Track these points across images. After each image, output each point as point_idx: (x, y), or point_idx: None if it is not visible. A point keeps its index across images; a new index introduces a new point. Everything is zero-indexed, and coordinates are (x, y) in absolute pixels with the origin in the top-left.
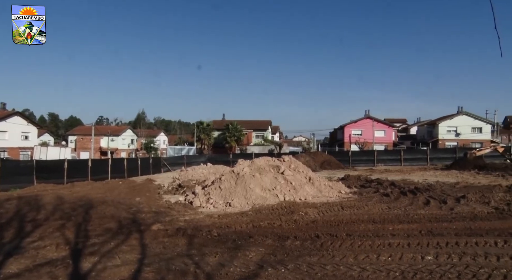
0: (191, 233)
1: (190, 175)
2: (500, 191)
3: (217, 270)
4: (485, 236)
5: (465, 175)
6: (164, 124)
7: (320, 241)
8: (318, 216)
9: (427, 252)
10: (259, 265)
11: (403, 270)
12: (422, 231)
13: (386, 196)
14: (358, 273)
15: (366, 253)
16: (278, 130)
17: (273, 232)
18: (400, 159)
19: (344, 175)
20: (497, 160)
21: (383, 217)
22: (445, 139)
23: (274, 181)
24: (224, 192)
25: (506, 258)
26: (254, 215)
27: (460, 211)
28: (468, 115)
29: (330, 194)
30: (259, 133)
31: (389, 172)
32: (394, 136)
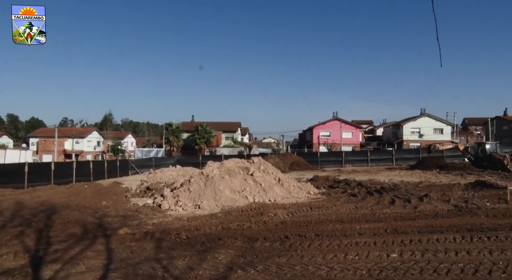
0: (159, 237)
1: (159, 178)
2: (459, 189)
3: (186, 274)
4: (445, 233)
5: (428, 174)
6: (132, 126)
7: (289, 241)
8: (287, 216)
9: (392, 249)
10: (229, 267)
11: (370, 268)
12: (388, 230)
13: (354, 196)
14: (326, 273)
15: (334, 252)
16: (248, 132)
17: (242, 234)
18: (367, 159)
19: (313, 176)
20: (457, 160)
21: (350, 217)
22: (409, 140)
23: (243, 182)
24: (193, 194)
25: (463, 253)
26: (223, 217)
27: (423, 209)
28: (430, 117)
29: (299, 195)
30: (228, 135)
31: (356, 172)
32: (361, 137)
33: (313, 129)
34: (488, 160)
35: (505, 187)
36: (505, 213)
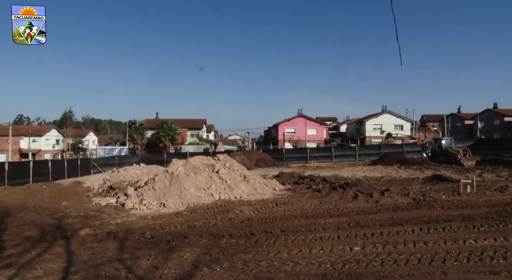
0: (123, 237)
1: (122, 176)
2: (417, 183)
3: (150, 273)
4: (404, 225)
5: (389, 169)
6: (94, 124)
7: (255, 238)
8: (253, 213)
9: (355, 243)
10: (194, 265)
11: (333, 261)
12: (351, 224)
13: (318, 192)
14: (291, 267)
15: (299, 247)
16: (213, 129)
17: (208, 231)
18: (331, 155)
19: (278, 172)
20: (416, 155)
21: (315, 212)
22: (372, 136)
23: (209, 180)
24: (158, 193)
25: (421, 244)
26: (189, 215)
27: (384, 203)
28: (391, 114)
29: (265, 191)
30: (194, 132)
31: (321, 168)
32: (325, 134)
33: (279, 126)
34: (444, 155)
35: (459, 180)
36: (458, 205)
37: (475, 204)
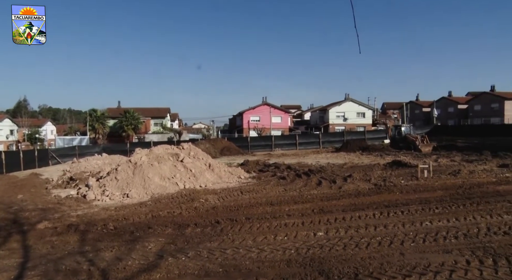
0: (84, 229)
1: (83, 167)
2: (378, 169)
3: (113, 265)
4: (366, 210)
5: (352, 156)
6: (52, 113)
7: (221, 226)
8: (218, 202)
9: (319, 228)
10: (159, 255)
11: (298, 247)
12: (315, 210)
13: (283, 179)
14: (256, 254)
15: (264, 234)
16: (178, 118)
17: (173, 221)
18: (295, 143)
19: (243, 161)
20: (377, 142)
21: (280, 199)
22: (335, 124)
23: (173, 169)
24: (121, 183)
25: (381, 227)
26: (153, 205)
27: (347, 189)
28: (353, 101)
29: (230, 180)
30: (157, 121)
31: (285, 156)
32: (290, 122)
33: (243, 114)
34: (403, 141)
35: (416, 165)
36: (416, 189)
37: (431, 187)
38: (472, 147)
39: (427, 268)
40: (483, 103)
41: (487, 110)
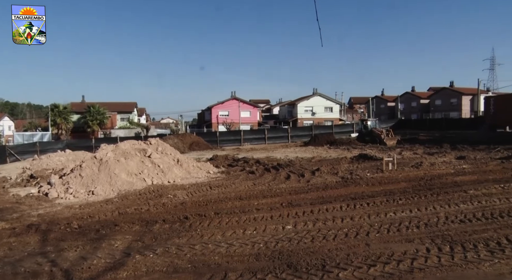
0: (46, 228)
1: (45, 164)
2: (345, 162)
3: (77, 265)
4: (333, 202)
5: (320, 150)
6: (9, 108)
7: (189, 222)
8: (187, 197)
9: (287, 222)
10: (126, 253)
11: (267, 241)
12: (283, 204)
13: (252, 173)
14: (225, 249)
15: (233, 229)
16: (145, 113)
17: (140, 218)
18: (264, 137)
19: (212, 155)
20: (344, 136)
21: (249, 194)
22: (303, 118)
23: (141, 165)
24: (85, 180)
25: (348, 219)
26: (120, 202)
27: (315, 183)
28: (321, 96)
29: (199, 175)
30: (124, 116)
31: (254, 150)
32: (259, 116)
33: (212, 109)
34: (369, 135)
35: (382, 158)
36: (381, 181)
37: (395, 179)
38: (433, 140)
39: (390, 257)
40: (443, 98)
41: (447, 105)
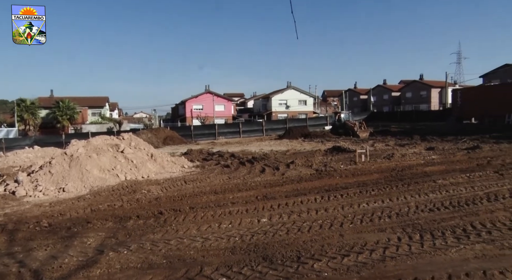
0: (13, 228)
1: (12, 161)
2: (319, 155)
3: (47, 265)
4: (308, 195)
5: (294, 143)
6: None
7: (164, 217)
8: (161, 192)
9: (263, 215)
10: (99, 250)
11: (242, 234)
12: (259, 197)
13: (227, 167)
14: (201, 243)
15: (209, 223)
16: (117, 107)
17: (114, 214)
18: (239, 131)
19: (187, 150)
20: (318, 129)
21: (224, 187)
22: (278, 111)
23: (113, 160)
24: (56, 177)
25: (322, 211)
26: (92, 198)
27: (289, 175)
28: (295, 89)
29: (173, 170)
30: (95, 110)
31: (229, 144)
32: (233, 110)
33: (186, 103)
34: (343, 127)
35: (355, 150)
36: (354, 173)
37: (368, 171)
38: (404, 131)
39: (363, 247)
40: (413, 91)
41: (417, 97)
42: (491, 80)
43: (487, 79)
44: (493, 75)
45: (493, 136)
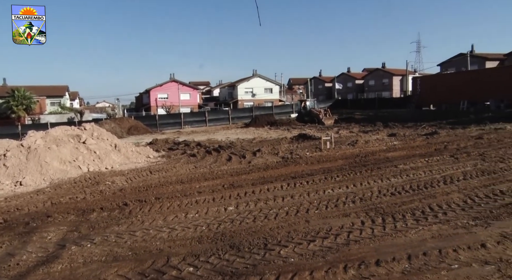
0: None
1: None
2: (285, 142)
3: (3, 263)
4: (274, 182)
5: (260, 131)
6: None
7: (129, 208)
8: (126, 183)
9: (229, 203)
10: (61, 245)
11: (209, 223)
12: (225, 185)
13: (193, 156)
14: (167, 234)
15: (175, 213)
16: (78, 96)
17: (76, 207)
18: (205, 120)
19: (152, 139)
20: (284, 116)
21: (190, 177)
22: (244, 99)
23: (75, 151)
24: (12, 170)
25: (288, 198)
26: (52, 192)
27: (256, 163)
28: (261, 77)
29: (138, 160)
30: (54, 100)
31: (195, 133)
32: (199, 98)
33: (151, 92)
34: (308, 115)
35: (320, 137)
36: (319, 160)
37: (333, 158)
38: (368, 118)
39: (329, 232)
40: (376, 79)
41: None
42: (447, 68)
43: (443, 67)
44: (449, 63)
45: (449, 122)
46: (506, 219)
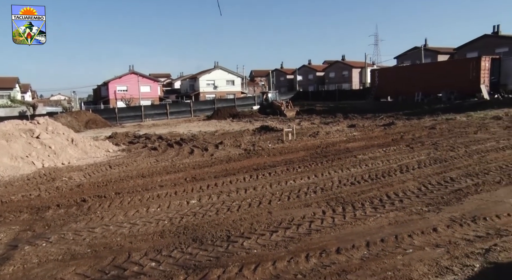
0: None
1: None
2: (248, 134)
3: None
4: (237, 174)
5: (223, 123)
6: None
7: (87, 204)
8: (84, 178)
9: (192, 196)
10: (12, 245)
11: (171, 217)
12: (187, 178)
13: (154, 150)
14: (128, 229)
15: (136, 208)
16: (30, 89)
17: (29, 205)
18: (166, 112)
19: (111, 133)
20: (246, 109)
21: (151, 171)
22: (206, 92)
23: (28, 147)
24: None
25: (251, 190)
26: (3, 189)
27: (218, 156)
28: (223, 69)
29: (97, 154)
30: (3, 93)
31: (156, 126)
32: (160, 91)
33: (109, 84)
34: (270, 107)
35: (282, 129)
36: (281, 151)
37: (294, 149)
38: (328, 110)
39: (291, 223)
40: (336, 71)
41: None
42: (403, 61)
43: (400, 60)
44: (404, 56)
45: (405, 113)
46: (455, 204)
